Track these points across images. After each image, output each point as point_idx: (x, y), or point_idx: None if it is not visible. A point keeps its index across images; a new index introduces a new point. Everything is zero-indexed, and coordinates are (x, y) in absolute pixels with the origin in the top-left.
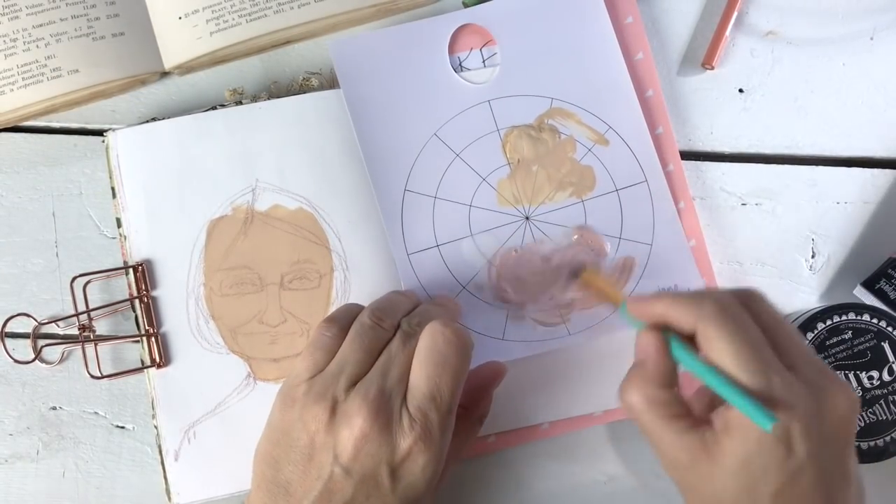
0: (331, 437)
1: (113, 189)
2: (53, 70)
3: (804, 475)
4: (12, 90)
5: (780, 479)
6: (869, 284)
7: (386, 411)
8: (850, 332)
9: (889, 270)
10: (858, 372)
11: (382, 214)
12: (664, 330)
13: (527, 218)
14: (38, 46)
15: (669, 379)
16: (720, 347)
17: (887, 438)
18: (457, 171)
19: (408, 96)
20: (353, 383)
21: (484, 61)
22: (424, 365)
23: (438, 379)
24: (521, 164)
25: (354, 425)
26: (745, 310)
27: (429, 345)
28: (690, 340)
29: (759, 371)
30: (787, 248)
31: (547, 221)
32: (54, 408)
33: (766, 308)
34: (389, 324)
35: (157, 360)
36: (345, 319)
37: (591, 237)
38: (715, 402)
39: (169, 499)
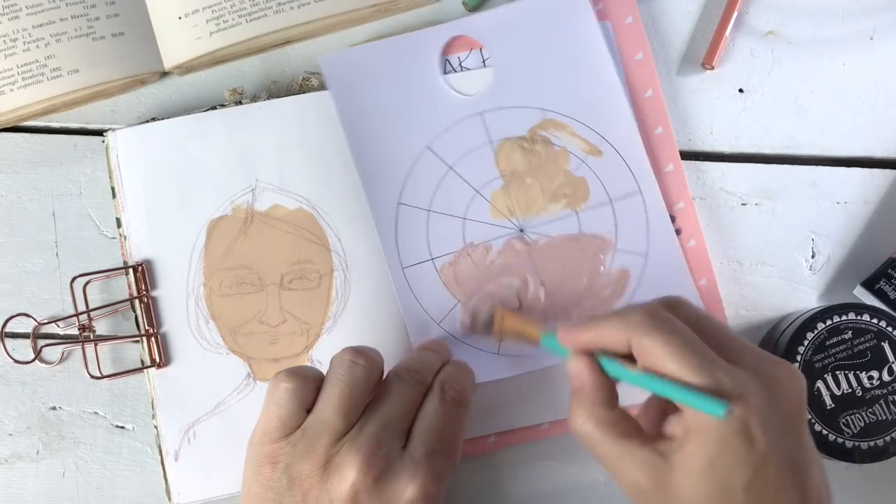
0: (325, 493)
1: (113, 189)
2: (53, 70)
3: (770, 464)
4: (12, 90)
5: (747, 473)
6: (869, 284)
7: (381, 462)
8: (850, 332)
9: (889, 270)
10: (858, 372)
11: (377, 228)
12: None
13: (521, 230)
14: (38, 46)
15: (612, 399)
16: (659, 353)
17: (887, 438)
18: (450, 183)
19: (400, 109)
20: (342, 435)
21: (484, 61)
22: (436, 417)
23: (450, 432)
24: (514, 177)
25: (348, 478)
26: (673, 315)
27: (439, 400)
28: (630, 359)
29: (702, 368)
30: (787, 248)
31: (541, 233)
32: (54, 408)
33: (693, 311)
34: (369, 363)
35: (157, 360)
36: (306, 370)
37: (591, 240)
38: (663, 416)
39: (169, 499)
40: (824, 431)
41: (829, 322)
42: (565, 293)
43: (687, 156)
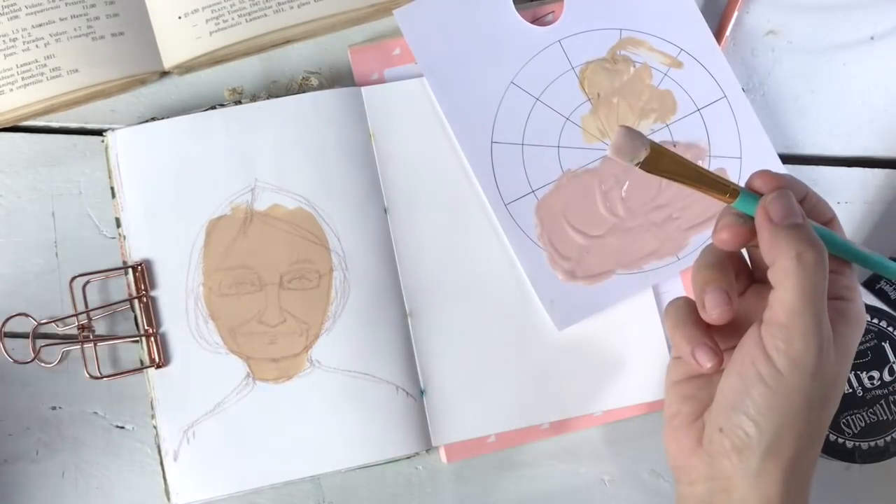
0: None
1: (112, 189)
2: (53, 70)
3: None
4: (12, 90)
5: None
6: (869, 285)
7: None
8: None
9: None
10: (859, 372)
11: (473, 171)
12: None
13: None
14: (37, 46)
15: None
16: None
17: (887, 438)
18: (540, 114)
19: (479, 50)
20: None
21: None
22: None
23: None
24: (601, 99)
25: None
26: None
27: None
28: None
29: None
30: None
31: None
32: (54, 408)
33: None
34: None
35: (157, 360)
36: None
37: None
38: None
39: (168, 499)
40: None
41: None
42: (666, 197)
43: None
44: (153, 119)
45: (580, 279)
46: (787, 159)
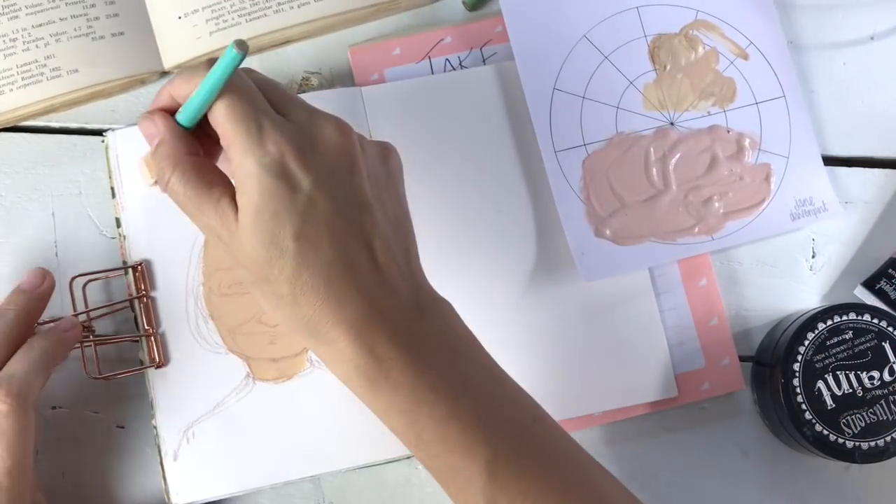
0: None
1: (112, 189)
2: (53, 70)
3: (317, 208)
4: (12, 90)
5: (294, 220)
6: (869, 284)
7: None
8: (850, 333)
9: (889, 270)
10: (859, 372)
11: (531, 112)
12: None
13: (671, 124)
14: (37, 46)
15: (194, 147)
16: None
17: (887, 438)
18: (604, 73)
19: None
20: None
21: (484, 60)
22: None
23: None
24: (667, 72)
25: None
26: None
27: None
28: None
29: (249, 113)
30: (787, 248)
31: (690, 129)
32: (54, 408)
33: (259, 75)
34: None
35: (157, 359)
36: None
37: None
38: None
39: (168, 499)
40: (825, 431)
41: (829, 322)
42: (711, 179)
43: None
44: None
45: (613, 238)
46: None
